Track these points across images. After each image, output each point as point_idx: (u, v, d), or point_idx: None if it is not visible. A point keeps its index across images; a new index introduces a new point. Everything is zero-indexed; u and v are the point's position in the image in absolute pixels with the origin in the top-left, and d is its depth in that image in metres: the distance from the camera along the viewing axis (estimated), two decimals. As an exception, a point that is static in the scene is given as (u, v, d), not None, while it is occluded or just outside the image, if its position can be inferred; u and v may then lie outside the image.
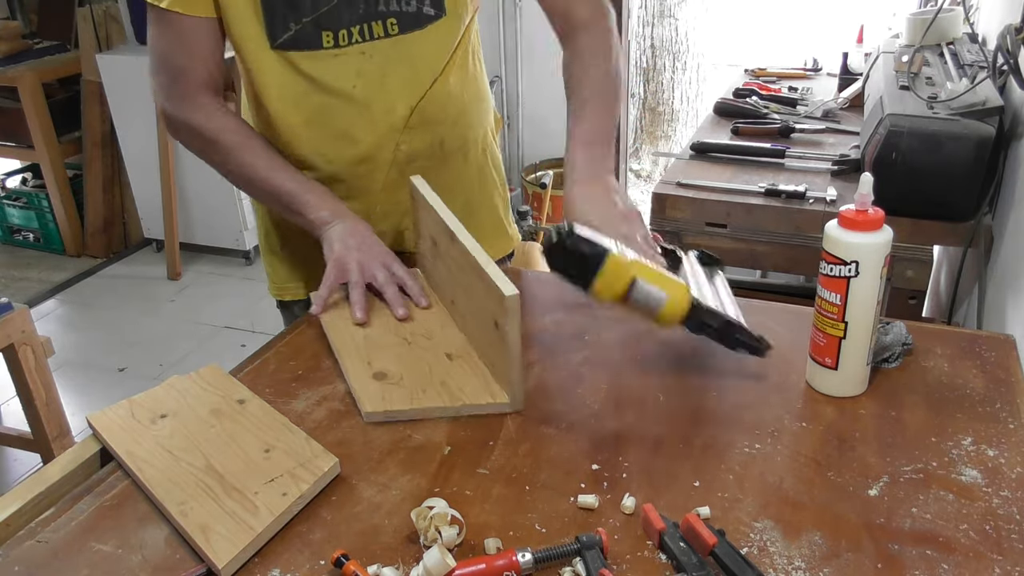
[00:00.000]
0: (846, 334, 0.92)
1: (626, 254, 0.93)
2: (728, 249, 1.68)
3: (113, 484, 0.86)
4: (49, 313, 3.44)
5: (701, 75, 3.99)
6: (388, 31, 1.12)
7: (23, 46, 3.75)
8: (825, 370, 0.95)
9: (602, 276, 0.91)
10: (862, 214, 0.88)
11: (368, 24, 1.10)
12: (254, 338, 3.12)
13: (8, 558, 0.77)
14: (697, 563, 0.71)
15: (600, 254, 0.91)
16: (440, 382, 0.98)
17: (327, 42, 1.10)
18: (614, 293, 0.92)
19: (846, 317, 0.91)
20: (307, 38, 1.10)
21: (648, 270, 0.93)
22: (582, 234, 0.91)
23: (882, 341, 1.01)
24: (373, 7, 1.10)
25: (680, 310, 0.93)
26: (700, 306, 0.94)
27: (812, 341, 0.96)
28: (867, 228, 0.88)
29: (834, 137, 1.92)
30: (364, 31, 1.11)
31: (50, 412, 2.18)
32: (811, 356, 0.97)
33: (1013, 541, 0.75)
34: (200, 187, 3.58)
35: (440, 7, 1.13)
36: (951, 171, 1.43)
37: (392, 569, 0.73)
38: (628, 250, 0.94)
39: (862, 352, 0.93)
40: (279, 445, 0.87)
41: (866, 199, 0.88)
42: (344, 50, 1.11)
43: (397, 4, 1.10)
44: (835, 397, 0.96)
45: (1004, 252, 1.41)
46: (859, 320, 0.91)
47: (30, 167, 3.98)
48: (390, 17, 1.11)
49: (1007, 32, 1.41)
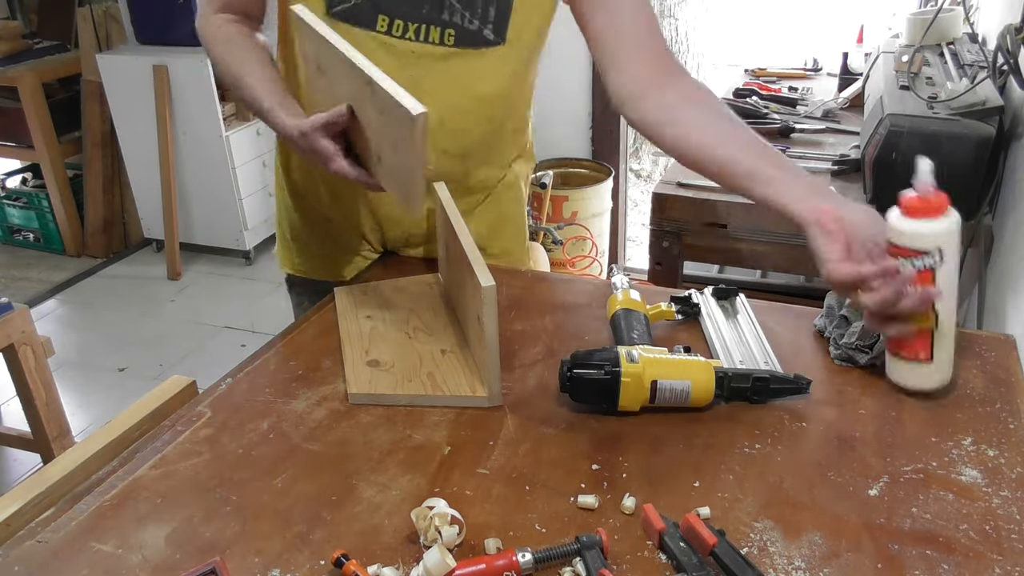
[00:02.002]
0: (938, 324, 0.90)
1: (634, 356, 0.92)
2: (728, 249, 1.68)
3: (113, 484, 0.86)
4: (49, 313, 3.44)
5: (701, 75, 3.99)
6: (444, 40, 1.08)
7: (23, 46, 3.75)
8: (918, 365, 0.93)
9: (624, 393, 0.91)
10: (930, 200, 0.85)
11: (427, 27, 1.07)
12: (254, 338, 3.12)
13: (8, 558, 0.77)
14: (697, 563, 0.71)
15: (614, 375, 0.90)
16: (427, 373, 1.01)
17: (381, 26, 1.08)
18: (641, 401, 0.92)
19: (936, 306, 0.89)
20: (363, 15, 1.07)
21: (664, 364, 0.92)
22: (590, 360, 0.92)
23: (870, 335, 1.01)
24: (437, 12, 1.07)
25: (709, 390, 0.92)
26: (727, 375, 0.93)
27: (896, 338, 0.93)
28: (940, 213, 0.86)
29: (834, 137, 1.92)
30: (421, 31, 1.08)
31: (50, 412, 2.18)
32: (897, 354, 0.94)
33: (1013, 541, 0.75)
34: (200, 187, 3.58)
35: (501, 35, 1.09)
36: (951, 171, 1.43)
37: (392, 569, 0.73)
38: (635, 348, 0.94)
39: (951, 339, 0.92)
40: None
41: (928, 184, 0.86)
42: (394, 41, 1.08)
43: (460, 18, 1.07)
44: (927, 391, 0.94)
45: (1004, 252, 1.41)
46: (947, 307, 0.89)
47: (30, 167, 3.99)
48: (449, 28, 1.07)
49: (1007, 32, 1.41)
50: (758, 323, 1.09)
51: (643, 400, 0.92)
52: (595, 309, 1.16)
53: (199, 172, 3.55)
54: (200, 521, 0.81)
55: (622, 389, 0.91)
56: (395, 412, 0.96)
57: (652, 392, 0.91)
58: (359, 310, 1.15)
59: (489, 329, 0.91)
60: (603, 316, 1.13)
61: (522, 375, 1.02)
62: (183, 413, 0.97)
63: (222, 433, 0.93)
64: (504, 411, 0.96)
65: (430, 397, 0.97)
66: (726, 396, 0.95)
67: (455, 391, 0.97)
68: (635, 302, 1.08)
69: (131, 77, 3.42)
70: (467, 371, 1.01)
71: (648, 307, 1.09)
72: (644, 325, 1.06)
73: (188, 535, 0.79)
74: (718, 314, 1.12)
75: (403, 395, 0.98)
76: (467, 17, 1.08)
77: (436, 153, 1.16)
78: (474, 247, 0.97)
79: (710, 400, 0.93)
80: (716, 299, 1.15)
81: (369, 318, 1.13)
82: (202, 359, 3.00)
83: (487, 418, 0.94)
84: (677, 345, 1.00)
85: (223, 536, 0.79)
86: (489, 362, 0.94)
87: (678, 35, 3.91)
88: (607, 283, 1.18)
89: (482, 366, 0.97)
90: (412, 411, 0.96)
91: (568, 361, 0.93)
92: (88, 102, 3.64)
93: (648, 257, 1.77)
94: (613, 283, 1.14)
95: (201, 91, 3.37)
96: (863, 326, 0.99)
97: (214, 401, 0.99)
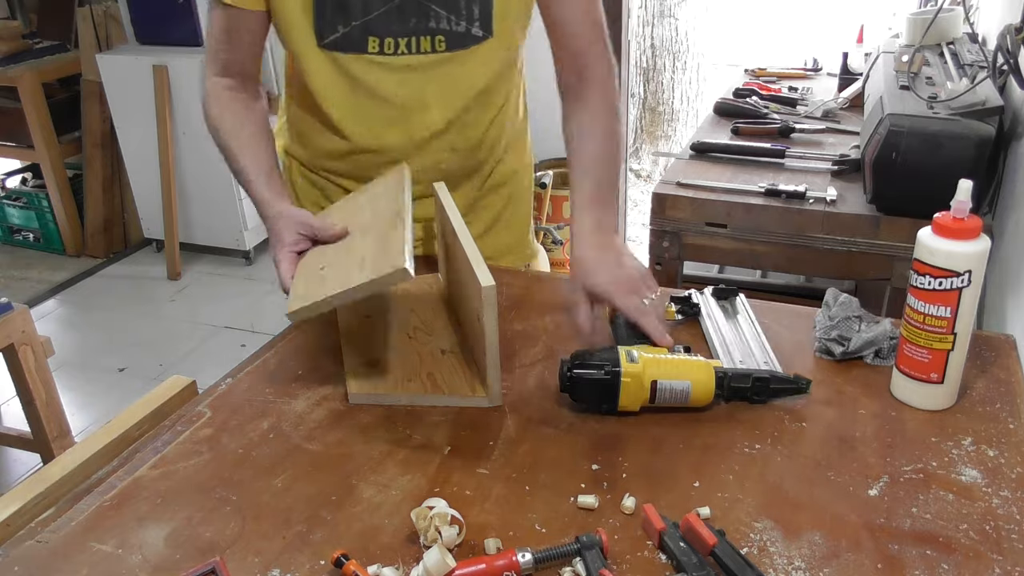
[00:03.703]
0: (954, 346, 0.89)
1: (634, 356, 0.92)
2: (728, 249, 1.68)
3: (113, 484, 0.86)
4: (49, 313, 3.44)
5: (701, 75, 4.00)
6: (436, 47, 1.12)
7: (23, 46, 3.75)
8: (929, 386, 0.92)
9: (624, 393, 0.91)
10: (966, 222, 0.85)
11: (417, 38, 1.11)
12: (254, 338, 3.12)
13: (8, 558, 0.77)
14: (697, 563, 0.71)
15: (614, 375, 0.90)
16: (427, 373, 1.01)
17: (372, 47, 1.11)
18: (641, 401, 0.92)
19: (956, 328, 0.88)
20: (353, 42, 1.11)
21: (664, 364, 0.92)
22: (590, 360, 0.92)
23: (865, 337, 1.01)
24: (423, 23, 1.10)
25: (708, 390, 0.92)
26: (726, 375, 0.93)
27: (909, 359, 0.92)
28: (973, 235, 0.85)
29: (834, 137, 1.92)
30: (412, 44, 1.11)
31: (50, 412, 2.17)
32: (907, 374, 0.93)
33: (1013, 541, 0.75)
34: (200, 187, 3.58)
35: (488, 29, 1.13)
36: (951, 171, 1.43)
37: (392, 569, 0.73)
38: (635, 348, 0.94)
39: (963, 360, 0.91)
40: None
41: (964, 205, 0.85)
42: (388, 59, 1.12)
43: (447, 23, 1.11)
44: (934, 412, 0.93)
45: (1004, 252, 1.41)
46: (964, 329, 0.89)
47: (30, 167, 3.98)
48: (439, 34, 1.11)
49: (1007, 32, 1.41)
50: (758, 323, 1.09)
51: (643, 400, 0.92)
52: (594, 309, 1.16)
53: (199, 172, 3.54)
54: (200, 521, 0.81)
55: (622, 389, 0.91)
56: (395, 412, 0.96)
57: (652, 392, 0.91)
58: (359, 310, 1.15)
59: (489, 329, 0.91)
60: (603, 316, 1.13)
61: (522, 375, 1.02)
62: (183, 413, 0.98)
63: (222, 433, 0.93)
64: (504, 411, 0.96)
65: (430, 397, 0.97)
66: (726, 396, 0.95)
67: (455, 391, 0.97)
68: None
69: (131, 77, 3.42)
70: (467, 371, 1.01)
71: None
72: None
73: (188, 535, 0.79)
74: (718, 314, 1.12)
75: (403, 395, 0.98)
76: (453, 20, 1.11)
77: (447, 152, 1.22)
78: (474, 247, 0.97)
79: (710, 400, 0.93)
80: (716, 299, 1.15)
81: (369, 317, 1.13)
82: (202, 359, 3.00)
83: (487, 418, 0.94)
84: (677, 345, 1.00)
85: (223, 536, 0.79)
86: (489, 362, 0.93)
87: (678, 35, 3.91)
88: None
89: (482, 366, 0.97)
90: (412, 411, 0.96)
91: (568, 361, 0.93)
92: (88, 102, 3.64)
93: (648, 257, 1.76)
94: None
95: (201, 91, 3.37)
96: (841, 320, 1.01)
97: (214, 401, 0.99)
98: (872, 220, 1.54)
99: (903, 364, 0.94)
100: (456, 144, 1.22)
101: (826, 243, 1.59)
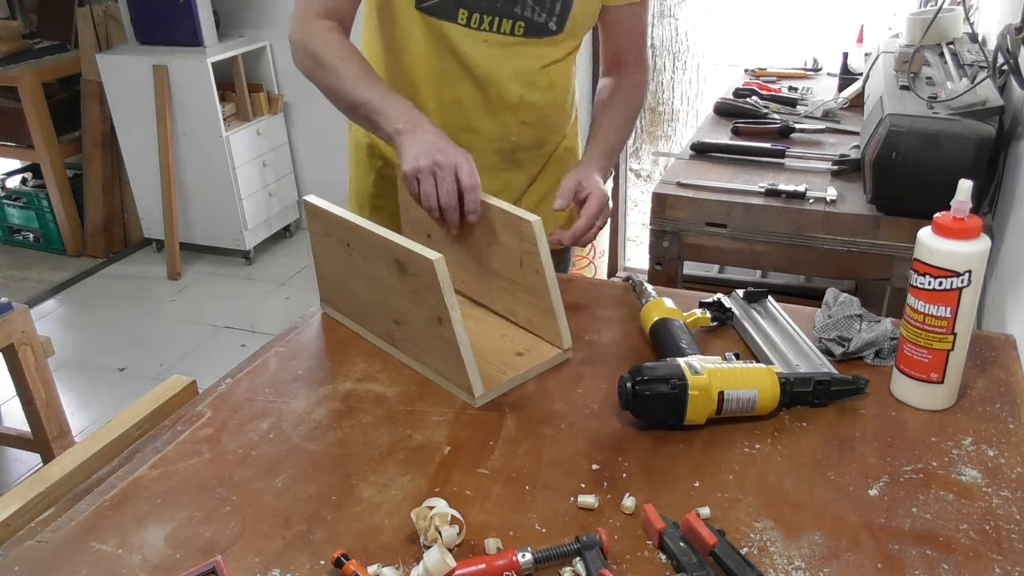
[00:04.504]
0: (954, 346, 0.89)
1: (696, 367, 0.90)
2: (728, 249, 1.68)
3: (113, 484, 0.86)
4: (49, 313, 3.44)
5: (701, 75, 3.99)
6: (514, 31, 1.22)
7: (23, 46, 3.75)
8: (929, 386, 0.92)
9: (692, 407, 0.88)
10: (966, 222, 0.85)
11: (500, 19, 1.21)
12: (254, 338, 3.12)
13: (8, 558, 0.77)
14: (697, 563, 0.71)
15: (681, 388, 0.88)
16: (515, 353, 1.05)
17: (461, 18, 1.20)
18: (708, 413, 0.90)
19: (955, 328, 0.88)
20: (446, 9, 1.20)
21: (729, 374, 0.90)
22: (653, 374, 0.89)
23: (866, 337, 1.01)
24: (510, 6, 1.20)
25: (774, 396, 0.90)
26: (788, 380, 0.92)
27: (909, 359, 0.92)
28: (973, 235, 0.85)
29: (834, 137, 1.92)
30: (494, 23, 1.21)
31: (50, 412, 2.17)
32: (907, 373, 0.93)
33: (1013, 541, 0.75)
34: (200, 187, 3.58)
35: (562, 26, 1.24)
36: (951, 171, 1.43)
37: (392, 569, 0.73)
38: (694, 359, 0.92)
39: (963, 360, 0.91)
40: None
41: (964, 205, 0.85)
42: (472, 32, 1.21)
43: (531, 12, 1.21)
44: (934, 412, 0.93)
45: (1004, 252, 1.41)
46: (964, 329, 0.89)
47: (30, 167, 3.98)
48: (520, 20, 1.21)
49: (1007, 32, 1.41)
50: (794, 324, 1.08)
51: (710, 412, 0.89)
52: (595, 310, 1.16)
53: (199, 172, 3.54)
54: (200, 521, 0.81)
55: (690, 402, 0.88)
56: (395, 412, 0.96)
57: (719, 403, 0.89)
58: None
59: (545, 261, 0.95)
60: (603, 316, 1.13)
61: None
62: (183, 413, 0.98)
63: (222, 433, 0.93)
64: (504, 411, 0.96)
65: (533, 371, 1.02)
66: (789, 402, 0.92)
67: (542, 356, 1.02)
68: (672, 310, 1.05)
69: (131, 77, 3.42)
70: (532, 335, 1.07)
71: (684, 314, 1.06)
72: (688, 334, 1.02)
73: (188, 535, 0.79)
74: (756, 317, 1.10)
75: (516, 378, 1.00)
76: (536, 11, 1.21)
77: (518, 125, 1.33)
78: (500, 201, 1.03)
79: (775, 407, 0.91)
80: (747, 302, 1.13)
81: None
82: (202, 359, 3.00)
83: (487, 418, 0.94)
84: (727, 352, 0.98)
85: (223, 536, 0.79)
86: (554, 303, 0.98)
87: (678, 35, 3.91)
88: (610, 284, 1.18)
89: (542, 318, 1.02)
90: (412, 411, 0.96)
91: (628, 376, 0.89)
92: (88, 102, 3.64)
93: (648, 257, 1.76)
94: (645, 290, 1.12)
95: (201, 91, 3.36)
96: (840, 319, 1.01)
97: (214, 401, 0.99)
98: (872, 220, 1.54)
99: (903, 364, 0.94)
100: (527, 119, 1.32)
101: (826, 243, 1.58)
